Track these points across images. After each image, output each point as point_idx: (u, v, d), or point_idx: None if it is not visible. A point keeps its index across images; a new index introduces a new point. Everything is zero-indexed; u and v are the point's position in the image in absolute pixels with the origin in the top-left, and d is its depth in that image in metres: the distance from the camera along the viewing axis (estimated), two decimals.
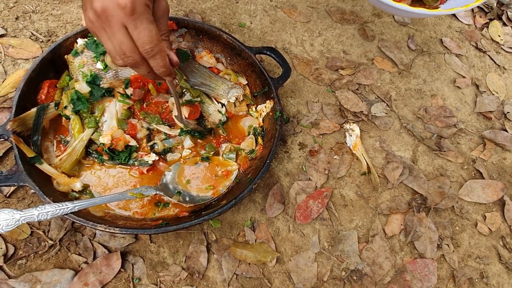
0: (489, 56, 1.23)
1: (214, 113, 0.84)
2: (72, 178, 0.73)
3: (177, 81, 0.81)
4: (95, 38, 0.80)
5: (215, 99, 0.86)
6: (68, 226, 0.71)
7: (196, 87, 0.83)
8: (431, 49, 1.17)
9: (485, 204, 0.91)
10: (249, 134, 0.85)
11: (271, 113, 0.83)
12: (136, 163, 0.78)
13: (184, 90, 0.82)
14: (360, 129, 0.95)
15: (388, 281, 0.77)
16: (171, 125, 0.84)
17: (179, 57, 0.78)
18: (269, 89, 0.85)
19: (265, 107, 0.85)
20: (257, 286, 0.72)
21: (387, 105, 1.01)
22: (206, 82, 0.84)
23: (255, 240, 0.76)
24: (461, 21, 1.30)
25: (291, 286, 0.73)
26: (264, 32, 1.07)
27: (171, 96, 0.84)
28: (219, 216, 0.76)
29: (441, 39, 1.20)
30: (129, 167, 0.78)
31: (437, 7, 0.88)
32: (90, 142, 0.76)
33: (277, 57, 0.89)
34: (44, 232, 0.71)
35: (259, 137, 0.83)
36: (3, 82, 0.86)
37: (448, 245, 0.83)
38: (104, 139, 0.74)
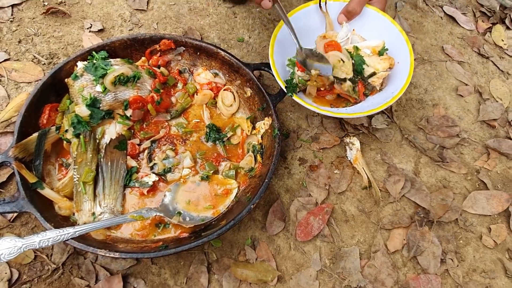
0: (492, 61, 1.22)
1: None
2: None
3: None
4: (94, 61, 0.81)
5: None
6: (71, 249, 0.73)
7: None
8: (432, 57, 1.16)
9: (490, 215, 0.90)
10: (248, 152, 0.85)
11: (269, 130, 0.83)
12: (136, 184, 0.78)
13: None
14: (360, 142, 0.95)
15: None
16: (173, 146, 0.85)
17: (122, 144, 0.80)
18: (267, 105, 0.85)
19: (264, 124, 0.85)
20: None
21: (388, 116, 1.01)
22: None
23: (256, 259, 0.76)
24: (463, 27, 1.28)
25: None
26: (263, 46, 1.08)
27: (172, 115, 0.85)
28: (220, 236, 0.76)
29: (442, 47, 1.19)
30: (130, 188, 0.78)
31: (356, 102, 0.88)
32: None
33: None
34: (47, 256, 0.72)
35: (258, 155, 0.83)
36: (6, 106, 0.87)
37: (452, 259, 0.82)
38: None
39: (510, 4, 1.36)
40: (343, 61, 0.82)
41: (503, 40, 1.31)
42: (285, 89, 0.84)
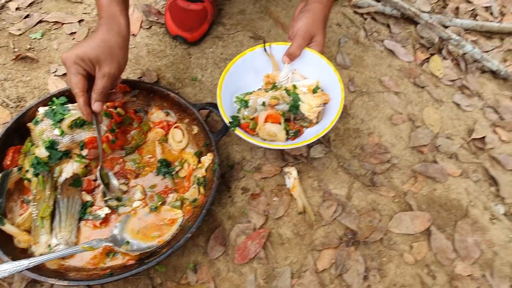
0: (427, 91, 1.34)
1: None
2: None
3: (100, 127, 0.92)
4: (53, 107, 0.92)
5: None
6: (29, 278, 0.82)
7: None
8: (370, 89, 1.28)
9: (413, 234, 1.01)
10: (193, 184, 0.95)
11: (211, 165, 0.94)
12: (90, 217, 0.88)
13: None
14: (300, 170, 1.06)
15: None
16: (126, 181, 0.95)
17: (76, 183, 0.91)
18: (210, 142, 0.96)
19: (207, 159, 0.96)
20: None
21: (326, 146, 1.12)
22: None
23: (197, 281, 0.86)
24: (401, 59, 1.41)
25: None
26: (214, 84, 1.19)
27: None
28: (164, 261, 0.86)
29: (380, 79, 1.31)
30: (84, 221, 0.88)
31: (294, 138, 0.99)
32: None
33: (218, 112, 1.00)
34: (9, 284, 0.81)
35: (201, 187, 0.93)
36: None
37: (374, 275, 0.92)
38: None
39: (446, 35, 1.50)
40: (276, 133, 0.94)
41: (439, 70, 1.44)
42: (228, 124, 0.95)
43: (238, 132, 0.93)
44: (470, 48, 1.48)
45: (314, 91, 0.99)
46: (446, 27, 1.60)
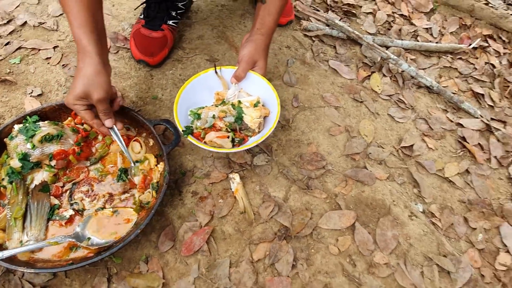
0: (365, 105, 1.52)
1: None
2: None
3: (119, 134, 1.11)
4: (27, 125, 1.07)
5: None
6: (4, 269, 0.97)
7: None
8: (312, 104, 1.46)
9: (339, 230, 1.17)
10: (148, 189, 1.11)
11: (163, 172, 1.10)
12: (57, 217, 1.04)
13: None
14: (244, 176, 1.22)
15: None
16: (90, 187, 1.11)
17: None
18: (162, 153, 1.12)
19: (160, 167, 1.12)
20: None
21: (268, 155, 1.29)
22: None
23: (147, 271, 1.01)
24: (344, 77, 1.60)
25: None
26: (173, 102, 1.35)
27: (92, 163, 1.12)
28: (120, 254, 1.02)
29: (322, 95, 1.49)
30: (52, 221, 1.04)
31: (239, 145, 1.16)
32: None
33: (171, 127, 1.16)
34: None
35: (153, 191, 1.09)
36: None
37: (302, 264, 1.09)
38: None
39: (386, 55, 1.69)
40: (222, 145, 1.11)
41: (378, 86, 1.63)
42: (182, 132, 1.11)
43: (190, 138, 1.10)
44: (407, 66, 1.67)
45: (255, 105, 1.17)
46: (388, 47, 1.79)
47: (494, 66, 1.86)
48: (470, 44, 1.90)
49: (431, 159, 1.42)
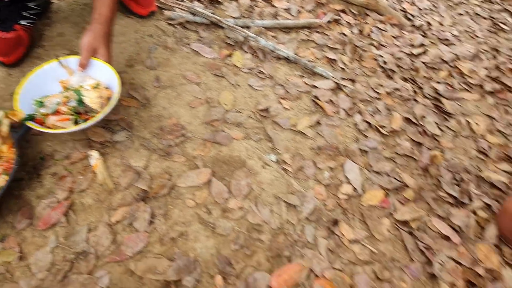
0: (226, 79, 1.67)
1: None
2: None
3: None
4: None
5: None
6: None
7: None
8: (174, 83, 1.58)
9: (196, 186, 1.29)
10: (1, 175, 1.16)
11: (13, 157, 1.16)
12: None
13: None
14: (106, 153, 1.30)
15: (108, 254, 1.10)
16: None
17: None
18: (15, 140, 1.18)
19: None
20: (2, 280, 1.02)
21: (129, 131, 1.38)
22: None
23: (3, 249, 1.06)
24: (206, 57, 1.74)
25: (29, 273, 1.03)
26: None
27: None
28: None
29: (184, 74, 1.62)
30: None
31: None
32: None
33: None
34: None
35: (6, 176, 1.14)
36: None
37: (160, 219, 1.19)
38: None
39: (246, 35, 1.86)
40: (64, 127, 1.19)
41: (239, 61, 1.79)
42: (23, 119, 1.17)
43: (30, 124, 1.16)
44: (264, 42, 1.86)
45: (95, 87, 1.26)
46: (250, 27, 1.97)
47: (346, 35, 2.12)
48: (325, 19, 2.14)
49: (286, 118, 1.60)
